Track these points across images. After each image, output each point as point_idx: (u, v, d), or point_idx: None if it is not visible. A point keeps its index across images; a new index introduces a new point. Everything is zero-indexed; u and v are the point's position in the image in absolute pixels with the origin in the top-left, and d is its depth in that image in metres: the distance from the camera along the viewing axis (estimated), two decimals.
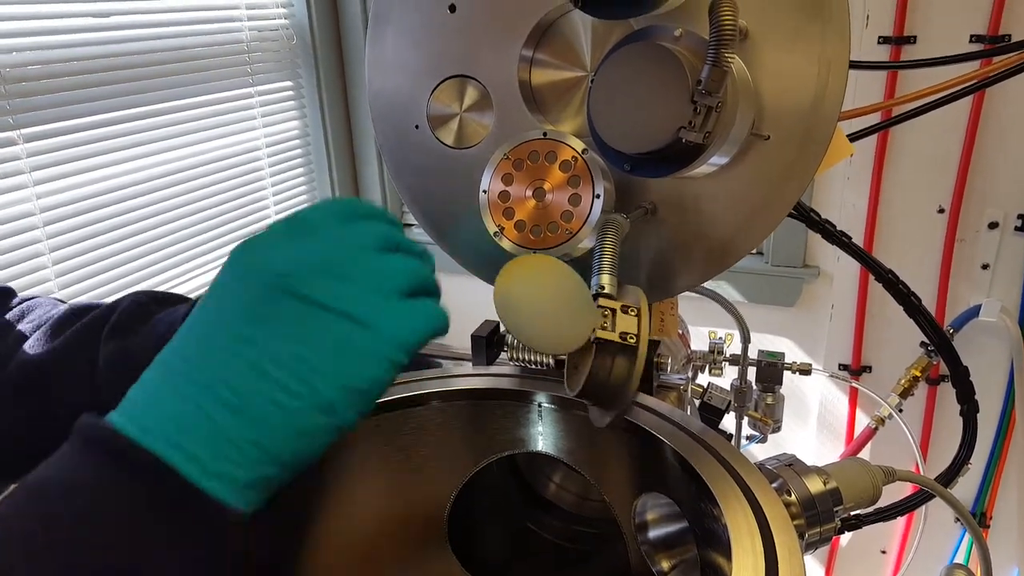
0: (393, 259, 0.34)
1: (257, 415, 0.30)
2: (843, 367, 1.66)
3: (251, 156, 1.52)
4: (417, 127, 0.62)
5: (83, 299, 0.62)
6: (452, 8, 0.59)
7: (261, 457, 0.30)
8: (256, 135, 1.53)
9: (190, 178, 1.38)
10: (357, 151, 1.81)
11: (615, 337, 0.42)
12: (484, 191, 0.54)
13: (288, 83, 1.62)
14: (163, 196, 1.32)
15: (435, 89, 0.62)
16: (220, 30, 1.41)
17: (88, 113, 1.18)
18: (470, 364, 0.65)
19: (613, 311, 0.43)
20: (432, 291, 0.36)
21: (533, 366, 0.62)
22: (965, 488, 1.60)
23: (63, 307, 0.54)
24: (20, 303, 0.55)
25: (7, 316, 0.53)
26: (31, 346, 0.50)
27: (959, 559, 1.65)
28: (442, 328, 0.34)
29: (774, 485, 0.56)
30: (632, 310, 0.44)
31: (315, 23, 1.63)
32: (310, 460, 0.31)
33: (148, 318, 0.50)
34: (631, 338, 0.42)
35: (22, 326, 0.52)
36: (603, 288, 0.45)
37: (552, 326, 0.41)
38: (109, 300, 0.55)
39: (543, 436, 0.62)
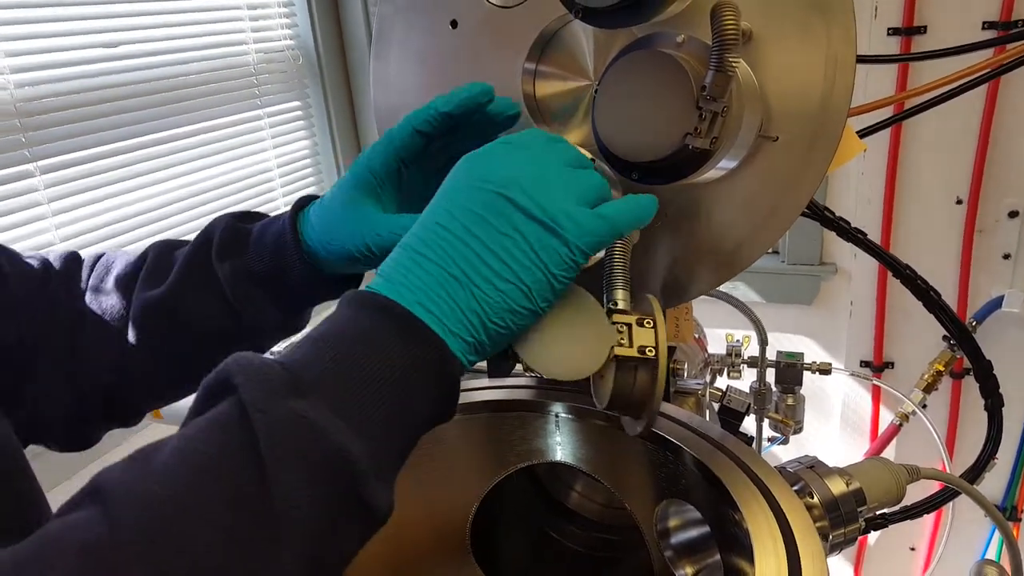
0: (583, 174, 0.42)
1: (478, 292, 0.39)
2: (864, 364, 1.64)
3: (263, 177, 1.53)
4: None
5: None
6: (454, 24, 0.60)
7: (480, 325, 0.39)
8: (267, 156, 1.54)
9: (205, 201, 1.39)
10: None
11: (634, 352, 0.43)
12: None
13: (296, 103, 1.63)
14: (179, 220, 1.34)
15: None
16: (227, 54, 1.42)
17: (102, 143, 1.19)
18: (486, 376, 0.65)
19: (629, 326, 0.43)
20: (608, 198, 0.44)
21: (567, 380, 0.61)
22: (994, 481, 1.57)
23: (148, 249, 0.59)
24: (95, 261, 0.59)
25: (93, 276, 0.57)
26: (145, 285, 0.56)
27: (991, 553, 1.62)
28: (626, 227, 0.42)
29: (796, 488, 0.56)
30: (648, 322, 0.44)
31: (320, 43, 1.64)
32: (510, 337, 0.41)
33: (247, 236, 0.55)
34: (650, 351, 0.43)
35: (116, 273, 0.57)
36: (617, 304, 0.45)
37: (567, 358, 0.42)
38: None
39: (561, 446, 0.62)
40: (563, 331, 0.41)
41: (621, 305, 0.45)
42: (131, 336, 0.55)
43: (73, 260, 0.59)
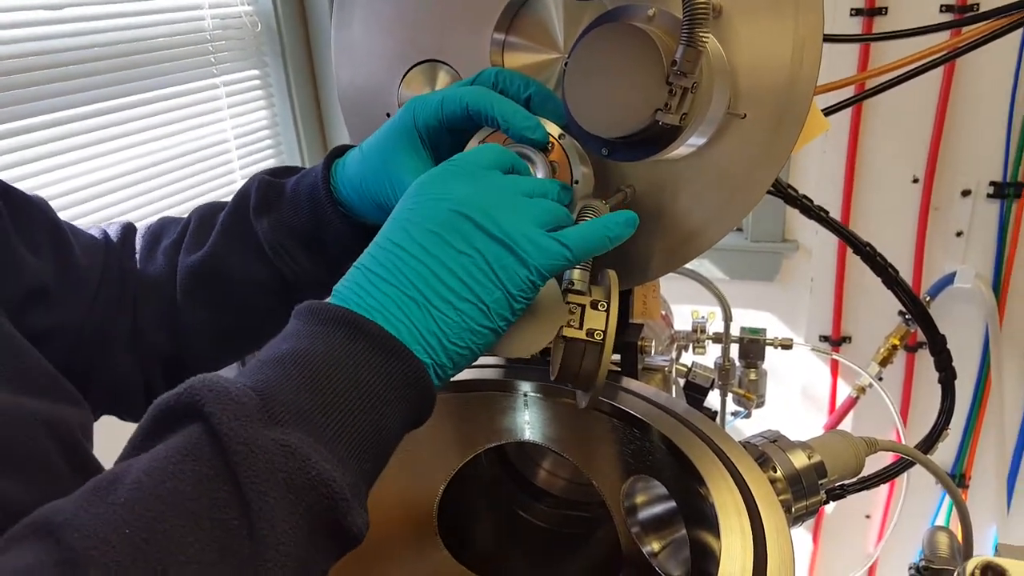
0: (539, 203, 0.42)
1: (437, 313, 0.38)
2: (824, 338, 1.67)
3: (220, 148, 1.49)
4: (389, 115, 0.61)
5: None
6: None
7: (439, 346, 0.38)
8: (224, 127, 1.49)
9: (158, 174, 1.34)
10: (329, 139, 1.78)
11: (582, 335, 0.43)
12: None
13: (255, 72, 1.58)
14: (131, 194, 1.29)
15: (405, 75, 0.61)
16: (181, 19, 1.37)
17: (44, 112, 1.13)
18: None
19: (582, 308, 0.44)
20: (567, 224, 0.43)
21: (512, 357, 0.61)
22: (944, 450, 1.63)
23: (192, 214, 0.59)
24: (146, 231, 0.59)
25: (142, 246, 0.58)
26: (188, 250, 0.56)
27: (941, 519, 1.69)
28: (585, 255, 0.42)
29: (759, 462, 0.56)
30: (602, 305, 0.44)
31: (280, 9, 1.59)
32: (473, 358, 0.39)
33: (281, 190, 0.55)
34: (598, 335, 0.43)
35: (164, 243, 0.57)
36: (573, 284, 0.45)
37: (515, 335, 0.42)
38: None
39: (530, 425, 0.62)
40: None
41: (577, 285, 0.45)
42: (181, 302, 0.55)
43: (130, 231, 0.59)
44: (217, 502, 0.29)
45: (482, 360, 0.63)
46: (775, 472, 0.57)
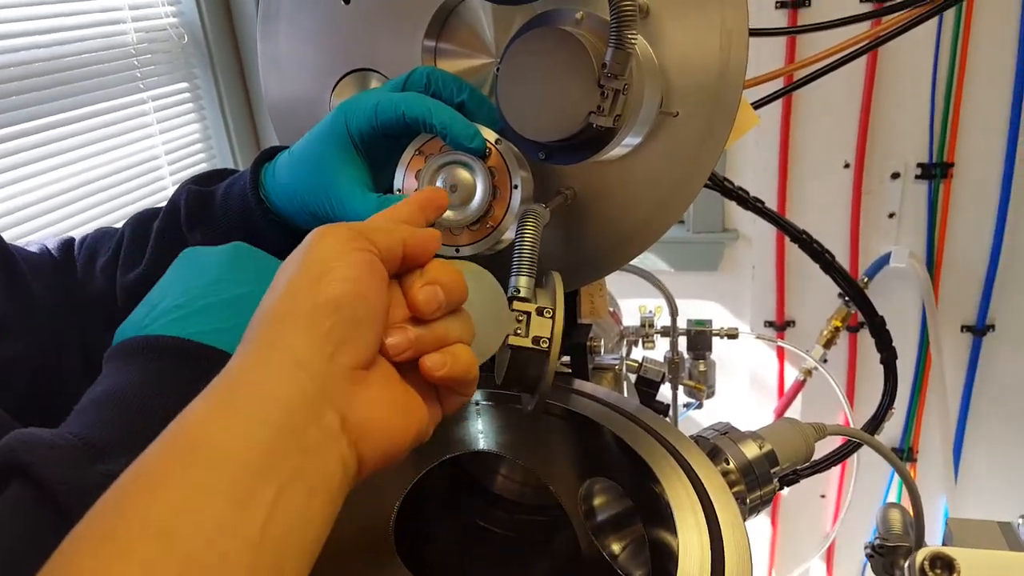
0: None
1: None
2: (768, 324, 1.71)
3: (151, 165, 1.44)
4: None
5: None
6: (347, 0, 0.57)
7: None
8: (154, 142, 1.44)
9: (88, 193, 1.29)
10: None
11: (528, 343, 0.43)
12: (398, 190, 0.52)
13: (183, 84, 1.54)
14: (62, 215, 1.24)
15: (336, 85, 0.59)
16: (102, 34, 1.32)
17: None
18: None
19: (528, 315, 0.44)
20: None
21: None
22: (891, 427, 1.68)
23: (125, 227, 0.57)
24: (80, 247, 0.58)
25: (80, 265, 0.56)
26: (124, 268, 0.54)
27: (892, 494, 1.74)
28: None
29: (711, 455, 0.57)
30: (548, 311, 0.44)
31: (206, 20, 1.55)
32: None
33: (211, 201, 0.53)
34: (544, 343, 0.43)
35: (99, 261, 0.56)
36: (519, 291, 0.44)
37: None
38: None
39: (483, 434, 0.61)
40: None
41: (523, 293, 0.44)
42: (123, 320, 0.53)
43: (69, 247, 0.57)
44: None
45: None
46: (728, 464, 0.57)
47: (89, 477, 0.29)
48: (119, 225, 0.58)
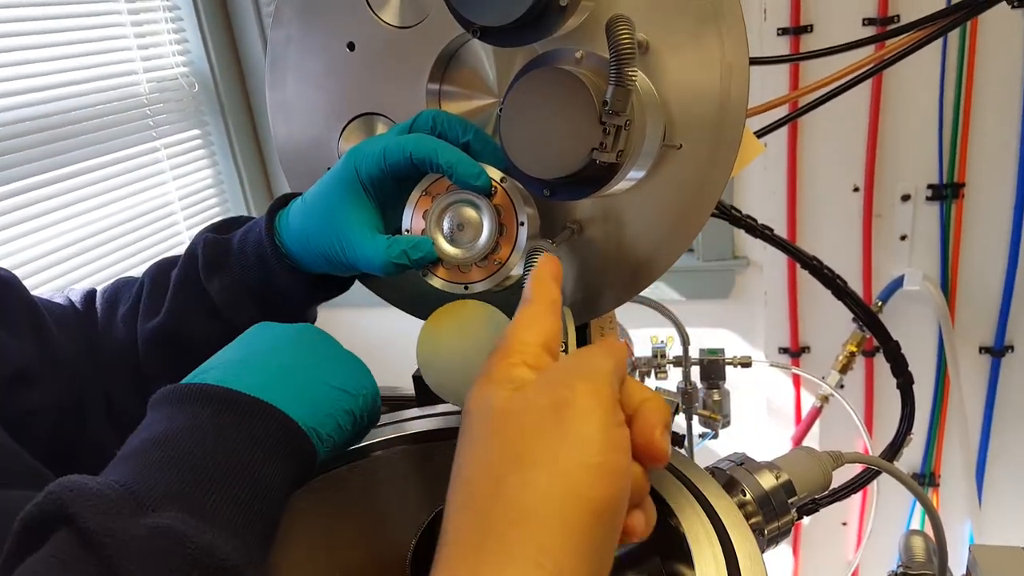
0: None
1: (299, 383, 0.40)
2: (783, 350, 1.70)
3: (165, 212, 1.47)
4: (329, 169, 0.61)
5: None
6: (351, 46, 0.58)
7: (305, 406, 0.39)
8: (167, 189, 1.47)
9: (104, 241, 1.32)
10: (276, 193, 1.77)
11: None
12: (406, 230, 0.53)
13: (195, 132, 1.57)
14: (79, 263, 1.26)
15: (344, 130, 0.60)
16: (115, 86, 1.35)
17: None
18: (415, 406, 0.64)
19: None
20: None
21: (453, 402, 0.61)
22: (912, 451, 1.65)
23: (145, 275, 0.58)
24: (103, 297, 0.59)
25: (101, 315, 0.57)
26: (144, 317, 0.55)
27: (916, 520, 1.71)
28: None
29: (728, 486, 0.56)
30: (560, 345, 0.44)
31: (216, 68, 1.59)
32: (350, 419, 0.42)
33: (228, 248, 0.54)
34: None
35: (121, 310, 0.57)
36: None
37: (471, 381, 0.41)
38: None
39: None
40: (470, 353, 0.41)
41: None
42: (145, 369, 0.55)
43: (91, 297, 0.58)
44: None
45: (442, 408, 0.62)
46: (744, 495, 0.56)
47: (135, 529, 0.30)
48: (136, 271, 0.59)
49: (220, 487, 0.33)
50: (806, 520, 1.82)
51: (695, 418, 0.96)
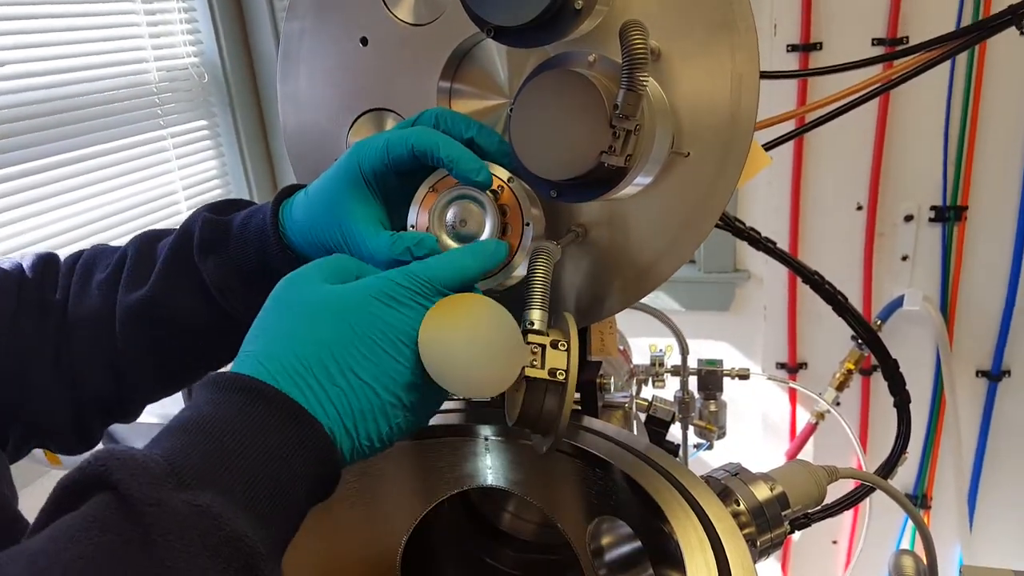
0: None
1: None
2: (780, 365, 1.70)
3: (168, 200, 1.47)
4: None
5: None
6: (364, 41, 0.58)
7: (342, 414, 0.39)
8: (172, 178, 1.47)
9: (107, 227, 1.32)
10: (280, 186, 1.77)
11: (544, 375, 0.43)
12: (412, 226, 0.53)
13: (203, 122, 1.57)
14: (79, 248, 1.26)
15: (353, 124, 0.61)
16: (126, 72, 1.36)
17: None
18: None
19: (543, 347, 0.44)
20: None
21: (476, 399, 0.61)
22: (905, 472, 1.65)
23: (128, 245, 0.57)
24: (74, 262, 0.58)
25: (75, 280, 0.56)
26: (127, 287, 0.54)
27: (906, 540, 1.70)
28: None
29: (722, 496, 0.56)
30: (562, 344, 0.44)
31: (226, 60, 1.59)
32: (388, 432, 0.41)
33: (227, 230, 0.54)
34: (560, 374, 0.43)
35: (98, 277, 0.56)
36: (533, 324, 0.44)
37: (476, 376, 0.41)
38: None
39: (492, 469, 0.61)
40: (475, 348, 0.41)
41: (537, 325, 0.45)
42: (120, 339, 0.54)
43: (50, 261, 0.57)
44: (132, 567, 0.28)
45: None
46: (738, 505, 0.56)
47: (175, 503, 0.30)
48: None
49: (254, 479, 0.34)
50: (796, 536, 1.82)
51: (691, 428, 0.96)
